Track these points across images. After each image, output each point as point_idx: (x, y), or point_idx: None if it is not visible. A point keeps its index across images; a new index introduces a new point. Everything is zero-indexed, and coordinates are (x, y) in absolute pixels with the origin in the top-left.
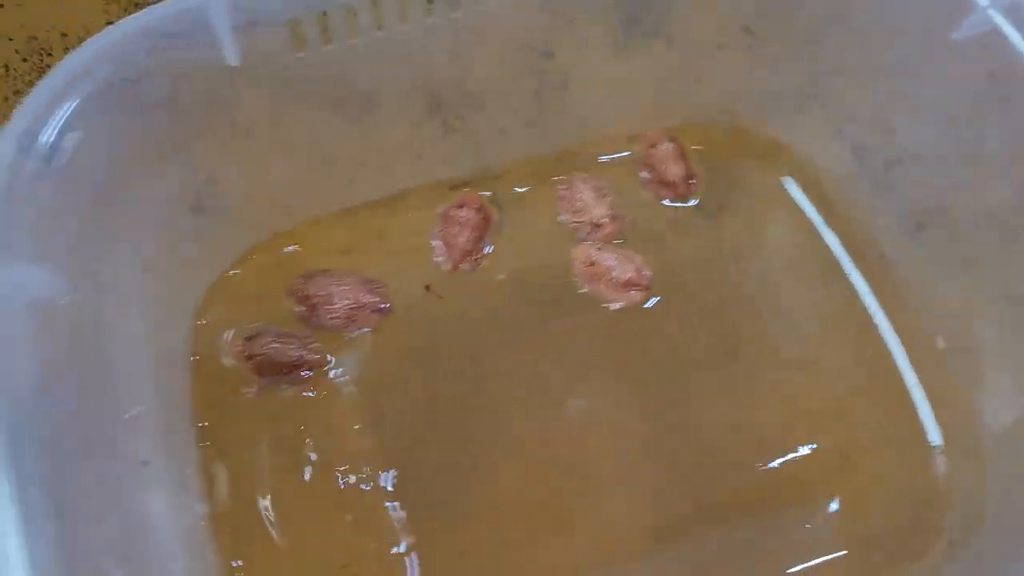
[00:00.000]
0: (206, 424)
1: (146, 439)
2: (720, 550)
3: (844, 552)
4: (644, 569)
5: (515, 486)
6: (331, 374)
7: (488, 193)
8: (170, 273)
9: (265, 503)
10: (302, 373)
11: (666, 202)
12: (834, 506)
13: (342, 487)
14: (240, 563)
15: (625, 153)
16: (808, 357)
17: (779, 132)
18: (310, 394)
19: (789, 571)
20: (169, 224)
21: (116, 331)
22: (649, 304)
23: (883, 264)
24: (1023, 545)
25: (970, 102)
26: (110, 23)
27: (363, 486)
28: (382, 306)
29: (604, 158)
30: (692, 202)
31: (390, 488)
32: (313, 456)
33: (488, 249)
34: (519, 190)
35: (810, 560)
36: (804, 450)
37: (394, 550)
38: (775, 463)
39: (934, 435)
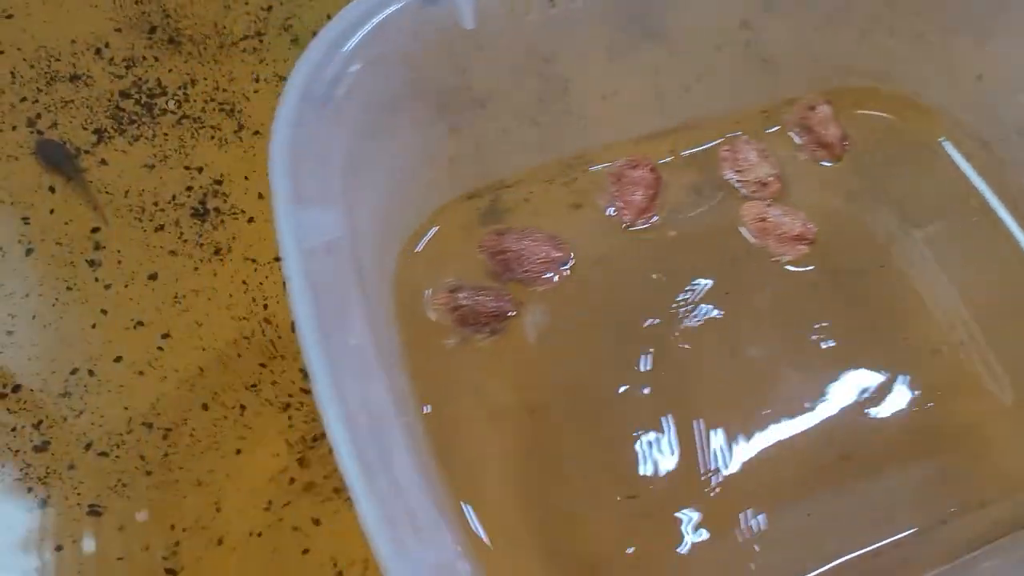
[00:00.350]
0: (417, 374)
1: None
2: (879, 496)
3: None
4: (817, 507)
5: (694, 434)
6: (524, 324)
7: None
8: (384, 228)
9: (479, 449)
10: (498, 324)
11: (822, 163)
12: (992, 447)
13: (544, 429)
14: (470, 508)
15: (775, 128)
16: (969, 311)
17: (928, 96)
18: (504, 343)
19: (951, 511)
20: (391, 177)
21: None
22: (813, 257)
23: None
24: None
25: None
26: (118, 30)
27: (566, 429)
28: (568, 260)
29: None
30: (843, 163)
31: (585, 431)
32: (514, 400)
33: (658, 208)
34: (684, 153)
35: (976, 502)
36: (962, 393)
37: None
38: (930, 405)
39: None
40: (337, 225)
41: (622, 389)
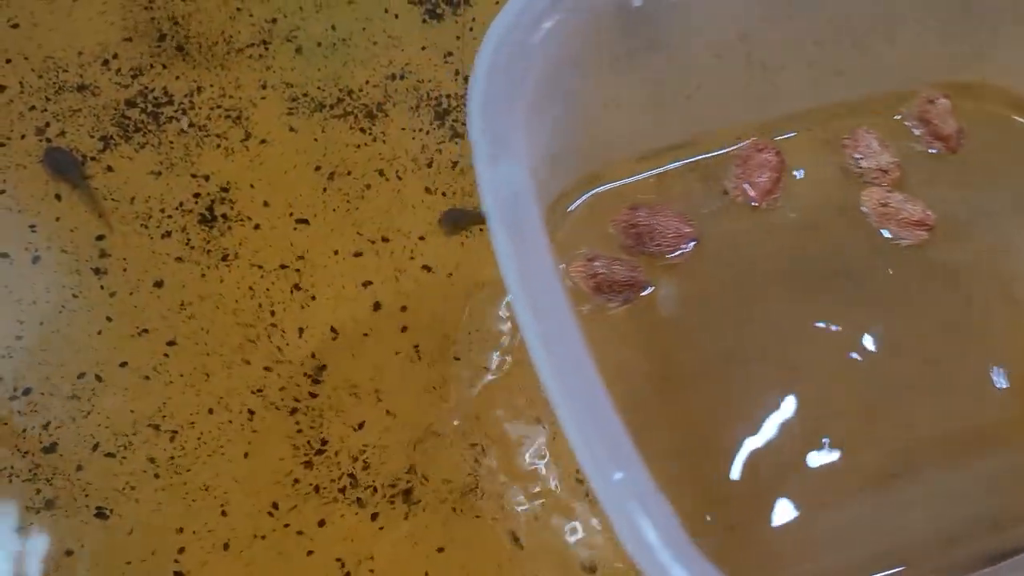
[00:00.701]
0: None
1: None
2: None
3: None
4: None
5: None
6: (657, 296)
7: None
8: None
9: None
10: (632, 293)
11: (931, 150)
12: None
13: (681, 399)
14: None
15: (897, 116)
16: None
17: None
18: (635, 312)
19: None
20: (542, 148)
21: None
22: (931, 243)
23: None
24: None
25: None
26: (127, 39)
27: (705, 400)
28: (696, 238)
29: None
30: (959, 155)
31: (721, 403)
32: (651, 368)
33: (781, 190)
34: (791, 135)
35: None
36: None
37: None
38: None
39: None
40: (524, 179)
41: (753, 364)
